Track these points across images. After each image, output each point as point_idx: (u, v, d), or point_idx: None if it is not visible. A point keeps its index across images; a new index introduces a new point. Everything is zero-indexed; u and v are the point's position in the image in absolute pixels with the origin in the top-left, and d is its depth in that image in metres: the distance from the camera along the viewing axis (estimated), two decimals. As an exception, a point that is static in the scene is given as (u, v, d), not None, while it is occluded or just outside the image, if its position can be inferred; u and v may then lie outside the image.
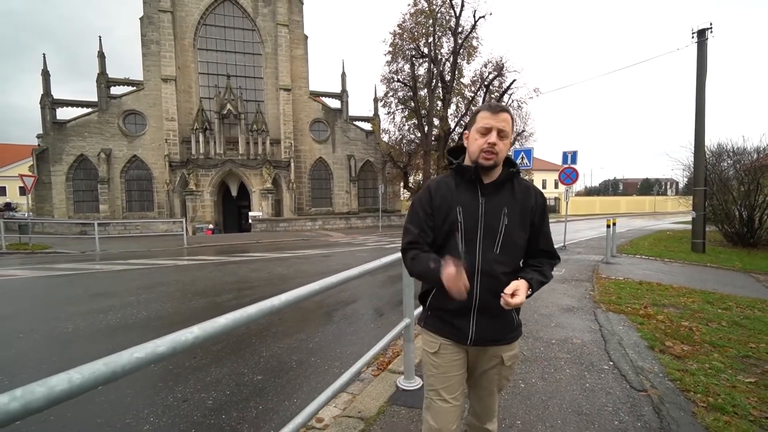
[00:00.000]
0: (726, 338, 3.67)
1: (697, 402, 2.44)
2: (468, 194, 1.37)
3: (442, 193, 1.39)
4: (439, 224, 1.39)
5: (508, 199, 1.37)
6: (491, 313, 1.35)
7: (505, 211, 1.35)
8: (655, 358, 3.17)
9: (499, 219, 1.34)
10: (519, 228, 1.36)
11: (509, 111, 1.37)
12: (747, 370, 2.96)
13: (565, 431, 2.17)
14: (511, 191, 1.39)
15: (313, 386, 3.02)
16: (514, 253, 1.38)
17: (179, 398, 2.85)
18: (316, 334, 4.27)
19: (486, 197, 1.36)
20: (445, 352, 1.42)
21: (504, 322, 1.39)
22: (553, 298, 5.39)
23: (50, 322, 4.67)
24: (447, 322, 1.41)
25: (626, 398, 2.53)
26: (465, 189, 1.38)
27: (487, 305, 1.34)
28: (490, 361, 1.42)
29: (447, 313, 1.40)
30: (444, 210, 1.37)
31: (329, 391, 2.18)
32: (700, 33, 11.10)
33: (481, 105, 1.41)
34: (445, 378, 1.41)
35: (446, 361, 1.41)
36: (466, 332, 1.37)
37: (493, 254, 1.34)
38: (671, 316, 4.44)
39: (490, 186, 1.37)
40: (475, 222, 1.34)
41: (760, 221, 12.53)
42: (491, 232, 1.34)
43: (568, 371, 2.97)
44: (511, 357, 1.44)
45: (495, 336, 1.39)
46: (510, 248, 1.36)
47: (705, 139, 11.40)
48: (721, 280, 7.28)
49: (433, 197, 1.40)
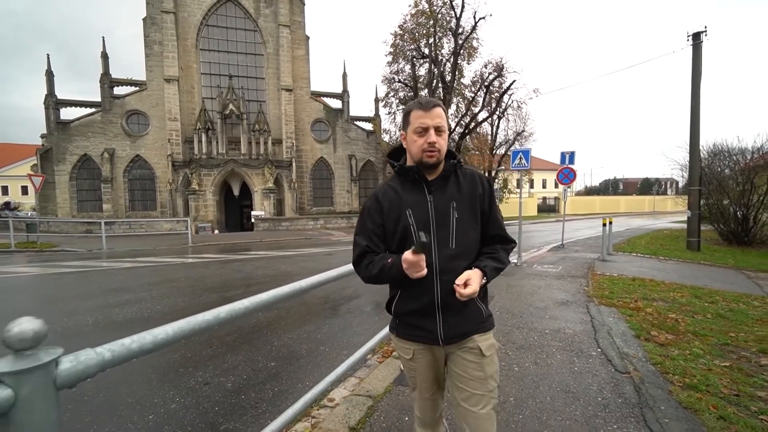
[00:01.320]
0: (708, 328, 3.91)
1: (674, 382, 2.69)
2: (415, 194, 1.36)
3: (390, 198, 1.38)
4: (391, 230, 1.38)
5: (455, 191, 1.37)
6: (455, 309, 1.34)
7: (453, 204, 1.35)
8: (640, 346, 3.42)
9: (449, 213, 1.34)
10: (470, 219, 1.37)
11: (441, 104, 1.35)
12: (724, 356, 3.21)
13: (553, 406, 2.42)
14: (457, 183, 1.39)
15: (324, 371, 3.24)
16: (469, 246, 1.37)
17: (200, 382, 3.10)
18: (323, 326, 4.52)
19: (433, 194, 1.35)
20: (420, 357, 1.42)
21: (470, 316, 1.37)
22: (549, 292, 5.64)
23: (69, 315, 4.91)
24: (415, 326, 1.39)
25: (610, 379, 2.78)
26: (411, 189, 1.38)
27: (449, 302, 1.32)
28: (469, 354, 1.37)
29: (413, 317, 1.39)
30: (394, 214, 1.36)
31: (340, 369, 2.44)
32: (695, 36, 11.33)
33: (412, 103, 1.38)
34: (422, 379, 1.45)
35: (422, 365, 1.43)
36: (435, 332, 1.35)
37: (449, 249, 1.33)
38: (659, 308, 4.68)
39: (435, 182, 1.37)
40: (426, 220, 1.33)
41: (754, 220, 12.75)
42: (444, 228, 1.33)
43: (559, 357, 3.22)
44: (489, 346, 1.39)
45: (464, 329, 1.37)
46: (464, 241, 1.35)
47: (700, 139, 11.65)
48: (712, 276, 7.52)
49: (382, 203, 1.39)
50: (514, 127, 26.12)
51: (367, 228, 1.40)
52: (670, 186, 68.41)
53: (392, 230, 1.36)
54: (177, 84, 23.91)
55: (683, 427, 2.16)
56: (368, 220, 1.40)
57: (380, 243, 1.39)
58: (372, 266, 1.34)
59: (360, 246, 1.40)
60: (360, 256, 1.39)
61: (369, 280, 1.37)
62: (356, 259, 1.41)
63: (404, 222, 1.34)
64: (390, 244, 1.39)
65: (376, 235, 1.39)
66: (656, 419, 2.23)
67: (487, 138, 25.91)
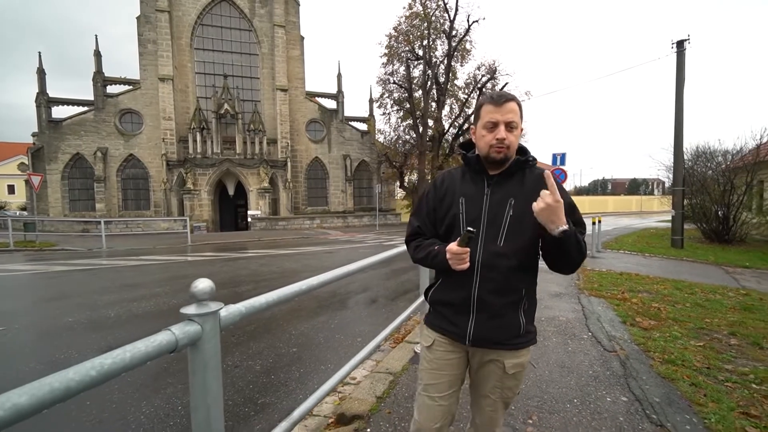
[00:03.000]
0: (687, 315, 4.33)
1: (655, 358, 3.08)
2: (473, 185, 1.34)
3: (447, 185, 1.39)
4: (441, 216, 1.38)
5: (517, 189, 1.30)
6: (492, 311, 1.28)
7: (511, 201, 1.28)
8: (626, 330, 3.82)
9: (504, 209, 1.27)
10: (527, 219, 1.23)
11: (515, 99, 1.29)
12: (699, 337, 3.62)
13: (551, 377, 2.79)
14: (521, 181, 1.31)
15: (342, 355, 3.58)
16: (521, 245, 1.27)
17: (231, 365, 3.39)
18: (335, 317, 4.83)
19: (492, 188, 1.31)
20: (438, 348, 1.38)
21: (506, 324, 1.29)
22: (544, 286, 6.03)
23: (91, 309, 5.13)
24: (445, 318, 1.36)
25: (600, 357, 3.16)
26: (471, 180, 1.35)
27: (487, 302, 1.27)
28: (491, 365, 1.33)
29: (447, 309, 1.36)
30: (448, 201, 1.36)
31: (367, 348, 2.75)
32: (679, 44, 11.90)
33: (484, 96, 1.34)
34: (436, 375, 1.38)
35: (439, 357, 1.38)
36: (465, 330, 1.30)
37: (496, 246, 1.26)
38: (644, 299, 5.11)
39: (499, 176, 1.31)
40: (478, 213, 1.29)
41: (734, 219, 13.39)
42: (495, 223, 1.27)
43: (554, 340, 3.59)
44: (515, 365, 1.31)
45: (496, 337, 1.29)
46: (516, 240, 1.26)
47: (684, 142, 12.23)
48: (694, 271, 8.02)
49: (438, 189, 1.40)
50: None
51: (422, 210, 1.44)
52: (657, 186, 70.08)
53: (442, 215, 1.37)
54: (171, 83, 23.88)
55: (661, 392, 2.54)
56: (424, 202, 1.44)
57: (432, 226, 1.42)
58: (420, 249, 1.38)
59: (412, 226, 1.45)
60: (411, 235, 1.46)
61: (416, 261, 1.43)
62: (408, 237, 1.48)
63: (455, 210, 1.34)
64: (439, 228, 1.40)
65: (429, 218, 1.42)
66: (638, 386, 2.61)
67: (480, 139, 26.36)
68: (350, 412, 2.39)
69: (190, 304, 1.02)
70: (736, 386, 2.61)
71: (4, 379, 3.17)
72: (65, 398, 0.69)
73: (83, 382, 0.71)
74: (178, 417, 2.54)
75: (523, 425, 2.19)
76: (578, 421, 2.23)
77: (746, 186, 12.67)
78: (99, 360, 0.75)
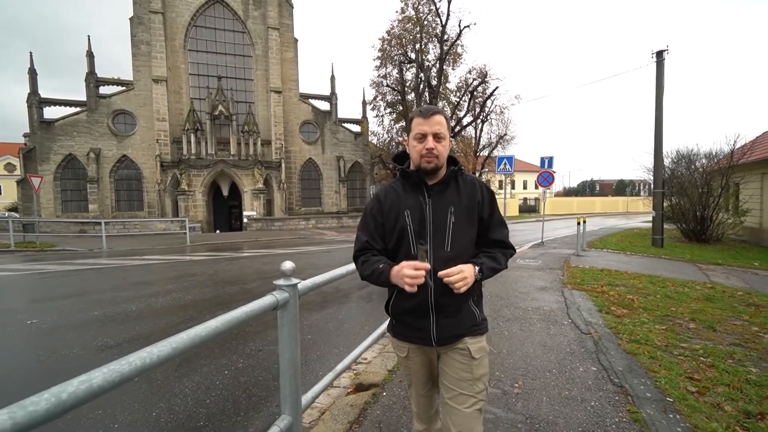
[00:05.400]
0: (656, 305, 4.89)
1: (623, 339, 3.60)
2: (414, 197, 1.42)
3: (390, 199, 1.45)
4: (390, 229, 1.43)
5: (454, 197, 1.42)
6: (449, 311, 1.38)
7: (451, 209, 1.40)
8: (601, 317, 4.35)
9: (446, 217, 1.39)
10: (466, 224, 1.40)
11: (442, 112, 1.40)
12: (663, 323, 4.16)
13: (535, 353, 3.29)
14: (456, 189, 1.43)
15: (352, 341, 4.01)
16: (464, 249, 1.40)
17: (254, 349, 3.81)
18: (341, 309, 5.27)
19: (432, 198, 1.40)
20: (414, 356, 1.49)
21: (464, 319, 1.41)
22: (531, 281, 6.56)
23: (112, 305, 5.47)
24: (410, 326, 1.44)
25: (576, 338, 3.67)
26: (411, 192, 1.43)
27: (443, 303, 1.37)
28: (457, 354, 1.42)
29: (408, 316, 1.44)
30: (393, 215, 1.42)
31: (373, 335, 3.23)
32: (659, 54, 12.60)
33: (414, 110, 1.45)
34: (417, 377, 1.53)
35: (416, 363, 1.51)
36: (429, 333, 1.40)
37: (445, 252, 1.37)
38: (620, 292, 5.66)
39: (435, 186, 1.42)
40: (423, 223, 1.38)
41: (711, 220, 14.17)
42: (440, 231, 1.38)
43: (538, 325, 4.10)
44: (479, 349, 1.43)
45: (457, 332, 1.41)
46: (460, 244, 1.39)
47: (663, 145, 12.94)
48: (669, 268, 8.64)
49: (383, 204, 1.45)
50: (496, 131, 27.27)
51: (369, 226, 1.47)
52: (643, 187, 71.86)
53: (390, 229, 1.44)
54: (165, 84, 23.99)
55: (624, 363, 3.05)
56: (370, 218, 1.48)
57: (381, 240, 1.46)
58: (366, 266, 1.41)
59: (360, 241, 1.47)
60: (359, 251, 1.47)
61: (363, 278, 1.44)
62: (356, 253, 1.49)
63: (402, 222, 1.40)
64: (388, 242, 1.46)
65: (377, 233, 1.47)
66: (606, 359, 3.12)
67: (471, 141, 27.04)
68: (367, 382, 2.84)
69: (279, 279, 1.47)
70: (686, 359, 3.14)
71: (54, 364, 3.53)
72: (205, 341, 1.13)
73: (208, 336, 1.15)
74: (216, 390, 2.97)
75: (510, 388, 2.68)
76: (555, 384, 2.73)
77: (721, 188, 13.43)
78: (224, 317, 1.19)
